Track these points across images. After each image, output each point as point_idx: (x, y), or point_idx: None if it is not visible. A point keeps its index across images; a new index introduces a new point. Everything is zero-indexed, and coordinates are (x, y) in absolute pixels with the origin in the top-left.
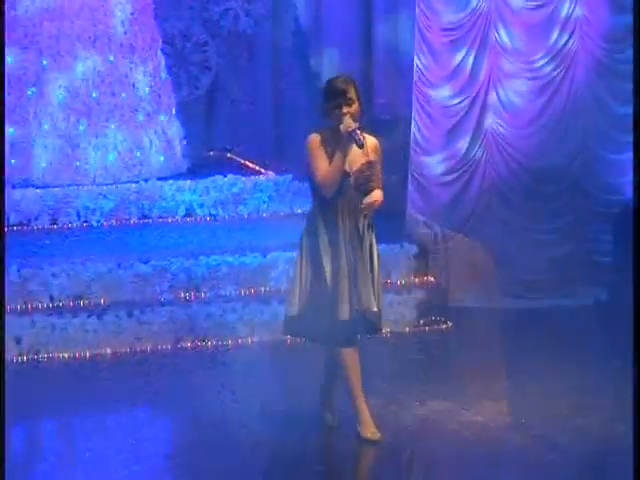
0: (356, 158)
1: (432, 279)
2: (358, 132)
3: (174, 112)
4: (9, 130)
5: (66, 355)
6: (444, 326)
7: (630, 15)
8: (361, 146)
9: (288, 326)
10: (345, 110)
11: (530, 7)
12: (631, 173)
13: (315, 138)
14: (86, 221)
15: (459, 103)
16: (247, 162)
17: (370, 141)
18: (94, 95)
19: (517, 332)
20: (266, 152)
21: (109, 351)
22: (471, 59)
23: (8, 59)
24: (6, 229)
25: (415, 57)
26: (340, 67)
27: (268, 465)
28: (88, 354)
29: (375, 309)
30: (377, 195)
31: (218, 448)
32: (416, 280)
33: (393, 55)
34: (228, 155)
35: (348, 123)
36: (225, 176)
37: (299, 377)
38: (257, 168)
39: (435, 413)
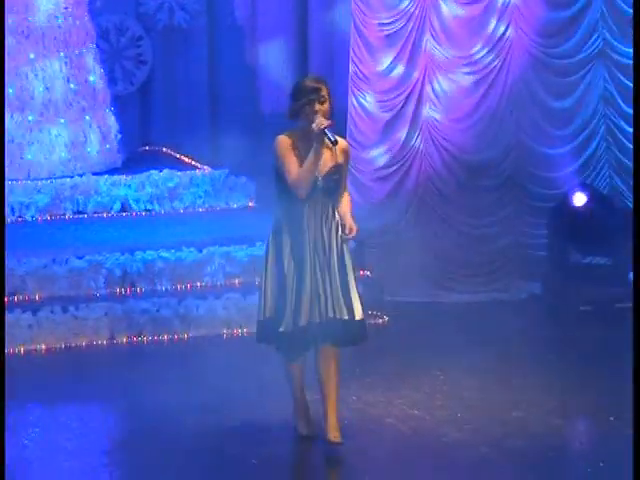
0: (326, 160)
1: (368, 273)
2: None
3: (109, 107)
4: None
5: None
6: (381, 320)
7: (565, 11)
8: (334, 143)
9: (259, 332)
10: (317, 107)
11: (465, 1)
12: (565, 168)
13: (284, 139)
14: (20, 216)
15: (395, 97)
16: (183, 157)
17: (340, 143)
18: (28, 89)
19: (453, 326)
20: (202, 147)
21: (44, 347)
22: (407, 53)
23: None
24: None
25: (351, 51)
26: (276, 61)
27: (203, 458)
28: (23, 350)
29: (346, 317)
30: (351, 225)
31: (154, 443)
32: None
33: (329, 49)
34: (164, 150)
35: (320, 121)
36: (161, 171)
37: (235, 372)
38: (193, 163)
39: (372, 407)
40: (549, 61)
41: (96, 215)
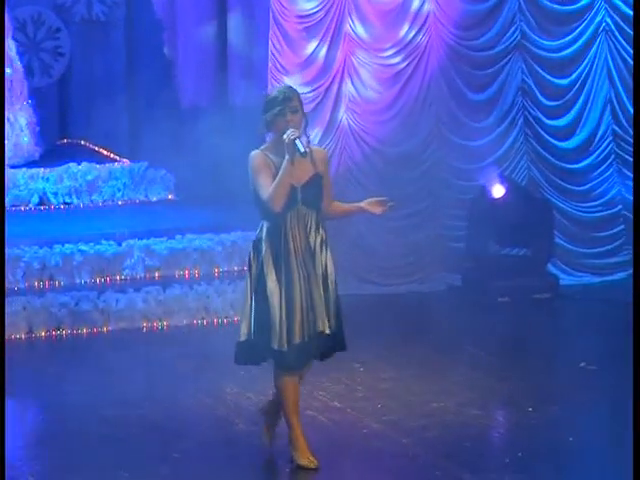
0: (304, 171)
1: None
2: (303, 141)
3: (27, 99)
4: None
5: None
6: None
7: (482, 3)
8: (304, 154)
9: (239, 353)
10: (289, 117)
11: None
12: (484, 159)
13: (258, 155)
14: None
15: (314, 90)
16: (102, 150)
17: (318, 152)
18: None
19: (373, 319)
20: (121, 140)
21: None
22: (325, 47)
23: None
24: None
25: (270, 44)
26: (194, 54)
27: (124, 453)
28: None
29: (328, 332)
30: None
31: (73, 438)
32: None
33: (248, 42)
34: (82, 142)
35: (291, 132)
36: (79, 164)
37: (154, 365)
38: (112, 156)
39: None
40: (467, 53)
41: (14, 208)
